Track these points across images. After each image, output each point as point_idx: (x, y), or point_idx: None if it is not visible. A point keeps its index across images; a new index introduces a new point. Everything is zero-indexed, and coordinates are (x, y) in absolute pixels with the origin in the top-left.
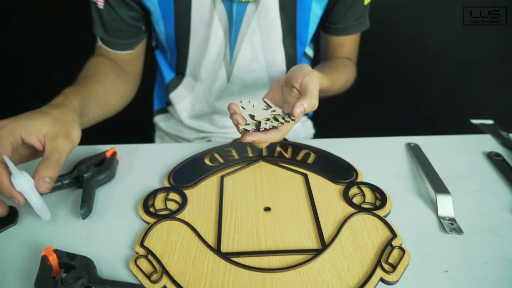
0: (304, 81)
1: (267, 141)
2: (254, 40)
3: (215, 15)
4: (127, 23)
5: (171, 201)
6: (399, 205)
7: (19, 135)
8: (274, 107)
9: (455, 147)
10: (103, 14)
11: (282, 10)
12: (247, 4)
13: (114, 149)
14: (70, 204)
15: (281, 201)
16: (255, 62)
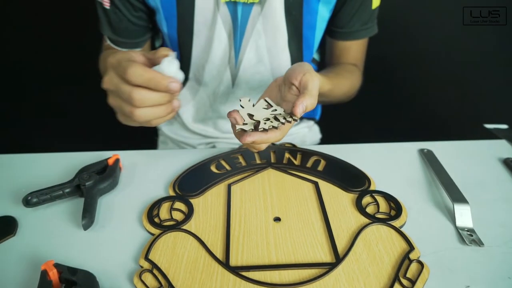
0: (304, 79)
1: (266, 142)
2: (260, 42)
3: (219, 18)
4: (134, 23)
5: (177, 211)
6: (414, 214)
7: None
8: (275, 106)
9: (470, 153)
10: (110, 15)
11: (287, 12)
12: (252, 6)
13: (117, 156)
14: (71, 214)
15: (291, 210)
16: (260, 65)
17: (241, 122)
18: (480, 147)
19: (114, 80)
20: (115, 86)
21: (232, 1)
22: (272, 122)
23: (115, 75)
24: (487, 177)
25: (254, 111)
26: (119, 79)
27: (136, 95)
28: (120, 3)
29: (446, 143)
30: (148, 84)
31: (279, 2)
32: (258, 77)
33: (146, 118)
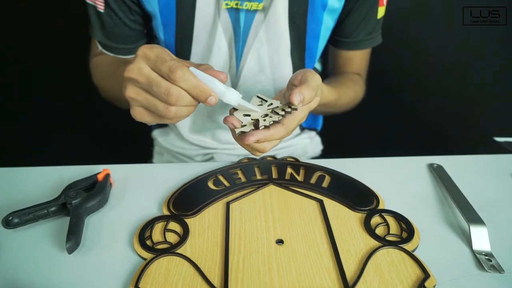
0: (304, 76)
1: (271, 139)
2: (261, 51)
3: (219, 24)
4: (130, 27)
5: (171, 232)
6: (427, 236)
7: None
8: (270, 100)
9: (482, 168)
10: (104, 18)
11: (291, 20)
12: (255, 13)
13: (107, 171)
14: (56, 236)
15: (295, 232)
16: (261, 74)
17: (239, 125)
18: (492, 162)
19: (146, 72)
20: (147, 78)
21: (234, 8)
22: (272, 116)
23: (148, 67)
24: (502, 195)
25: (249, 111)
26: (155, 73)
27: (175, 92)
28: (116, 5)
29: (456, 158)
30: (190, 90)
31: (283, 10)
32: (259, 87)
33: (179, 115)
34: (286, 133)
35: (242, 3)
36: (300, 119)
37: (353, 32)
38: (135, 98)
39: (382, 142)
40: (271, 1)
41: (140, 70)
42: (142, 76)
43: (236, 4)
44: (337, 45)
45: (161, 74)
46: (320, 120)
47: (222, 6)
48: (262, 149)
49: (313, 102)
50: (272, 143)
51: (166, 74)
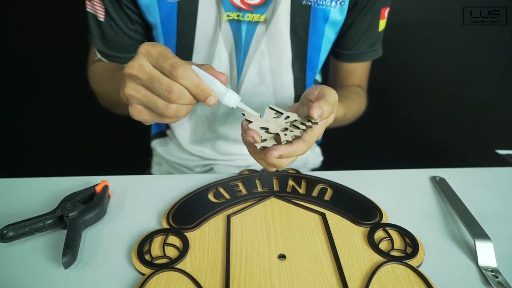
0: (321, 91)
1: (293, 155)
2: (263, 62)
3: (220, 36)
4: (130, 37)
5: (170, 246)
6: (432, 252)
7: None
8: (286, 113)
9: (485, 181)
10: (104, 27)
11: (293, 32)
12: (257, 25)
13: (105, 182)
14: (52, 249)
15: (297, 246)
16: (262, 86)
17: (258, 139)
18: (496, 175)
19: (148, 69)
20: (149, 75)
21: (236, 19)
22: (293, 131)
23: (149, 64)
24: (506, 209)
25: (265, 123)
26: (157, 70)
27: (177, 89)
28: (117, 15)
29: (459, 170)
30: (191, 88)
31: (285, 22)
32: (259, 98)
33: (178, 113)
34: (306, 149)
35: (244, 14)
36: (318, 135)
37: (354, 45)
38: (135, 96)
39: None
40: (273, 13)
41: (142, 67)
42: (143, 73)
43: (237, 16)
44: (338, 57)
45: (163, 71)
46: None
47: (223, 18)
48: (280, 164)
49: (330, 118)
50: (290, 158)
51: (168, 71)
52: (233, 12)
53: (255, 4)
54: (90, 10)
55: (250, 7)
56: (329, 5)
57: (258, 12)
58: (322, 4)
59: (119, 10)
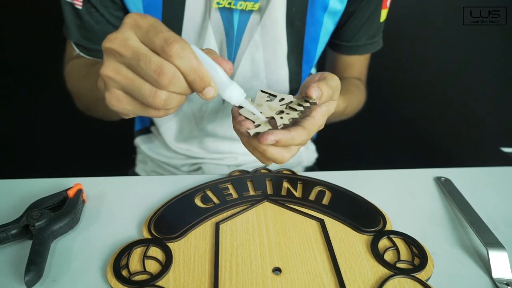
0: (322, 76)
1: (292, 143)
2: (256, 55)
3: (209, 25)
4: (114, 25)
5: (151, 260)
6: (441, 262)
7: None
8: (281, 94)
9: (494, 182)
10: (83, 16)
11: (289, 22)
12: (250, 14)
13: (79, 186)
14: (16, 264)
15: (293, 258)
16: (255, 80)
17: (252, 126)
18: (505, 175)
19: (133, 43)
20: (134, 51)
21: (227, 7)
22: (290, 113)
23: (136, 38)
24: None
25: (257, 107)
26: (145, 46)
27: (169, 71)
28: (98, 0)
29: (465, 170)
30: (188, 73)
31: (281, 11)
32: (252, 93)
33: (167, 104)
34: (307, 137)
35: (236, 2)
36: (319, 124)
37: (354, 36)
38: (113, 77)
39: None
40: (268, 1)
41: (126, 40)
42: (127, 48)
43: (229, 4)
44: (336, 49)
45: (154, 47)
46: None
47: (213, 5)
48: (279, 157)
49: (331, 107)
50: (291, 150)
51: (160, 47)
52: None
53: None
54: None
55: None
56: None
57: (252, 0)
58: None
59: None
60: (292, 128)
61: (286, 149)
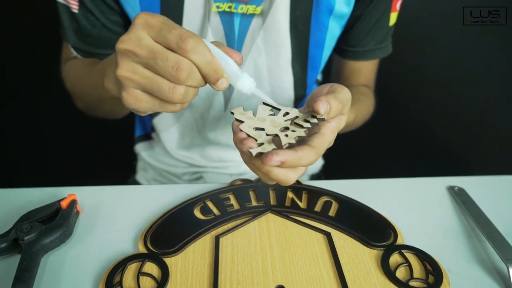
0: (331, 88)
1: (299, 164)
2: (259, 60)
3: (209, 30)
4: (110, 29)
5: (146, 276)
6: (457, 279)
7: None
8: (285, 108)
9: (509, 191)
10: (80, 20)
11: (293, 26)
12: (252, 18)
13: (73, 196)
14: (3, 280)
15: (298, 275)
16: (258, 86)
17: (255, 145)
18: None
19: (148, 42)
20: (150, 50)
21: (227, 11)
22: (295, 130)
23: (150, 37)
24: None
25: (259, 123)
26: (159, 44)
27: (186, 66)
28: (93, 4)
29: (478, 179)
30: (203, 66)
31: (284, 15)
32: (255, 101)
33: (185, 98)
34: (316, 157)
35: (237, 6)
36: (329, 142)
37: (362, 41)
38: (131, 77)
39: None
40: (271, 4)
41: (140, 40)
42: (143, 48)
43: (229, 7)
44: (343, 55)
45: (168, 44)
46: None
47: (212, 9)
48: (286, 179)
49: (341, 122)
50: (297, 171)
51: (175, 44)
52: (224, 3)
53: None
54: (61, 1)
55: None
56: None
57: (253, 3)
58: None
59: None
60: (299, 147)
61: (292, 170)
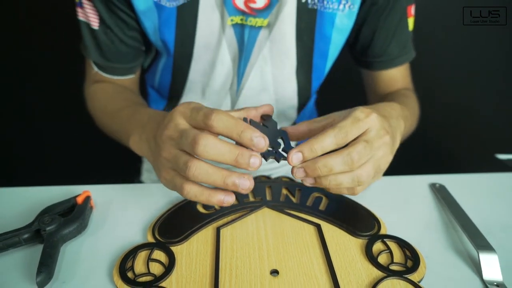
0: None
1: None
2: (265, 69)
3: (224, 41)
4: (127, 44)
5: (155, 262)
6: (433, 265)
7: None
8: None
9: (488, 188)
10: (99, 36)
11: (298, 37)
12: (259, 29)
13: (87, 193)
14: (27, 266)
15: (291, 261)
16: (264, 94)
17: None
18: (496, 181)
19: (182, 127)
20: (180, 132)
21: (239, 23)
22: None
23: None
24: (510, 217)
25: None
26: (187, 126)
27: (202, 140)
28: (112, 21)
29: (459, 177)
30: (230, 130)
31: (290, 27)
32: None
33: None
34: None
35: (247, 18)
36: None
37: (386, 50)
38: (167, 158)
39: None
40: (277, 18)
41: (177, 126)
42: (177, 131)
43: (241, 20)
44: (373, 67)
45: (198, 124)
46: None
47: (227, 22)
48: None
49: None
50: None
51: (202, 122)
52: (237, 16)
53: (259, 9)
54: (82, 19)
55: (253, 11)
56: (337, 8)
57: (261, 16)
58: (329, 7)
59: (114, 16)
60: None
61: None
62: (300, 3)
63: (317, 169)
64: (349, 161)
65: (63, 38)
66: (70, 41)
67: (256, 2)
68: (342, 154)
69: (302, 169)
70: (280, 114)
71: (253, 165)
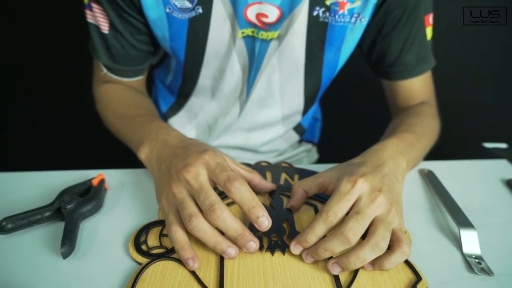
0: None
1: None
2: (273, 77)
3: (234, 52)
4: (137, 48)
5: (166, 237)
6: (419, 241)
7: None
8: None
9: (472, 174)
10: (109, 40)
11: (308, 49)
12: (270, 41)
13: (102, 176)
14: (50, 240)
15: None
16: (270, 99)
17: None
18: (481, 167)
19: (202, 179)
20: (200, 186)
21: (250, 35)
22: None
23: (206, 175)
24: (491, 199)
25: None
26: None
27: (218, 211)
28: (122, 26)
29: (446, 163)
30: (243, 203)
31: (300, 39)
32: (266, 112)
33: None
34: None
35: (258, 32)
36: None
37: (404, 59)
38: (175, 193)
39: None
40: (287, 30)
41: (198, 175)
42: (197, 182)
43: (252, 32)
44: (391, 77)
45: (218, 182)
46: (317, 132)
47: (238, 35)
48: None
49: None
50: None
51: (223, 183)
52: (248, 28)
53: (271, 23)
54: (91, 21)
55: (265, 25)
56: (348, 21)
57: (272, 29)
58: (340, 21)
59: (125, 22)
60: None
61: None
62: (311, 16)
63: (320, 254)
64: (345, 241)
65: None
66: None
67: (268, 17)
68: (336, 236)
69: (309, 254)
70: (286, 118)
71: (249, 248)
